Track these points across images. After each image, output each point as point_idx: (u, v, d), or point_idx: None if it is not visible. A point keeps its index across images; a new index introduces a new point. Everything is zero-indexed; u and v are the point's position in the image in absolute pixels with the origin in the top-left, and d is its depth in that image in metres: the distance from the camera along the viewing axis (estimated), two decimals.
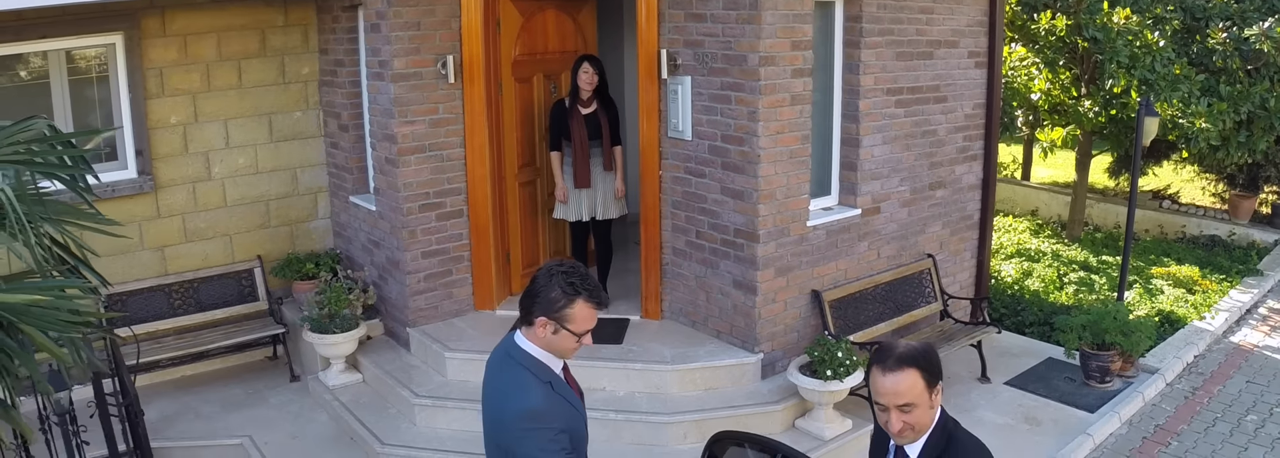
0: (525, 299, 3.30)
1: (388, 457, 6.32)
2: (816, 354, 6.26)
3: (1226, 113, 10.40)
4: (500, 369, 3.37)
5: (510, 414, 3.23)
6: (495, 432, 3.35)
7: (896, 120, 7.26)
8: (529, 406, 3.21)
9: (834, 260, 7.04)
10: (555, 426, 3.22)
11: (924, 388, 3.07)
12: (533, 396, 3.24)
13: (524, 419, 3.19)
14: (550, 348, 3.31)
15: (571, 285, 3.22)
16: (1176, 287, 10.20)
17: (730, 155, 6.35)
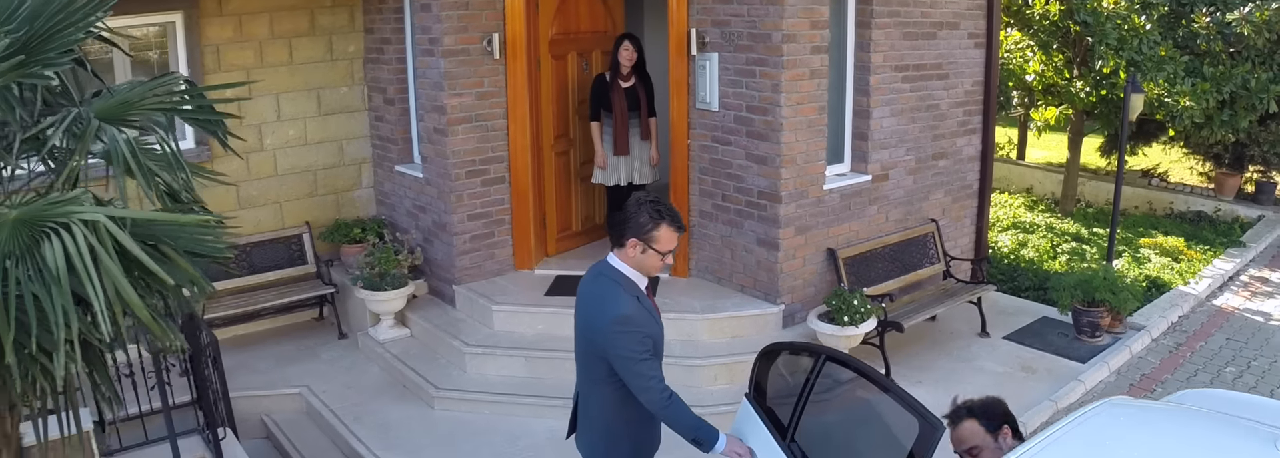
0: (616, 225, 4.10)
1: (443, 399, 7.13)
2: (834, 304, 7.11)
3: (1209, 92, 11.30)
4: (594, 284, 4.19)
5: (604, 320, 4.03)
6: (589, 336, 4.16)
7: (903, 95, 8.11)
8: (621, 312, 4.02)
9: (847, 222, 7.89)
10: (641, 330, 4.03)
11: (984, 433, 3.94)
12: (623, 304, 4.04)
13: (616, 323, 4.00)
14: (638, 266, 4.12)
15: (657, 212, 4.04)
16: (1163, 256, 11.09)
17: (755, 124, 7.18)
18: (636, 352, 3.99)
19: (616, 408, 4.22)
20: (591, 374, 4.22)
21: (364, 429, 6.93)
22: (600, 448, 4.35)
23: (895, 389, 3.70)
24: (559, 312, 7.54)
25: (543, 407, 6.92)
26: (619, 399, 4.18)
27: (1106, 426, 3.61)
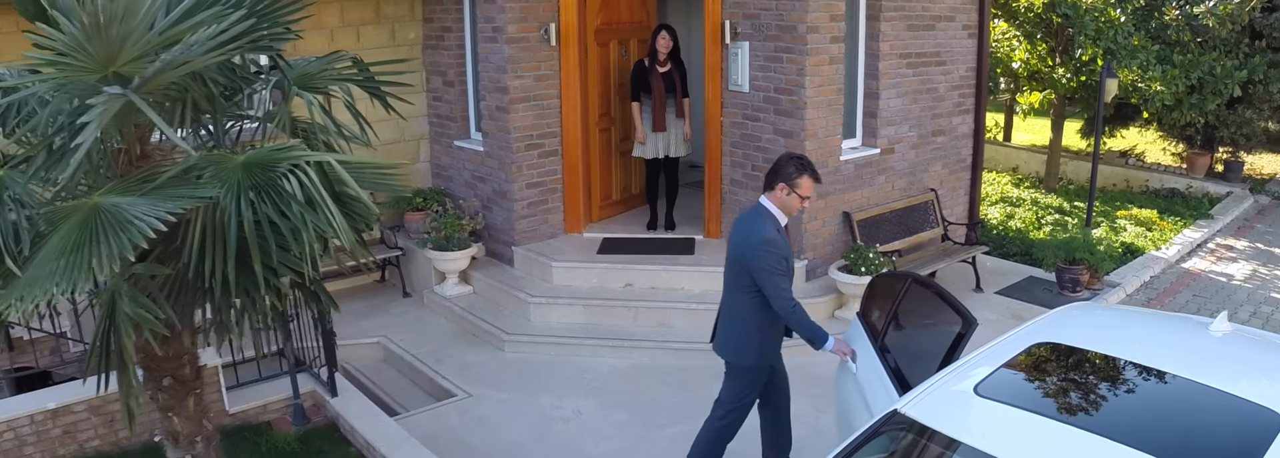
0: (769, 174, 5.54)
1: (514, 342, 8.47)
2: (852, 258, 8.51)
3: (1178, 78, 12.80)
4: (748, 218, 5.59)
5: (753, 240, 5.42)
6: (739, 254, 5.53)
7: (906, 79, 9.51)
8: (766, 236, 5.42)
9: (859, 189, 9.29)
10: (779, 252, 5.44)
11: None
12: (768, 231, 5.45)
13: (762, 244, 5.40)
14: (783, 206, 5.53)
15: (802, 165, 5.48)
16: (1138, 226, 12.55)
17: (781, 103, 8.56)
18: (774, 267, 5.39)
19: (751, 314, 5.59)
20: (737, 284, 5.61)
21: (446, 369, 8.25)
22: (733, 346, 5.73)
23: (948, 296, 5.07)
24: (610, 268, 8.91)
25: (602, 347, 8.27)
26: (756, 307, 5.55)
27: (1073, 314, 5.04)
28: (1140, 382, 4.19)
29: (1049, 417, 3.85)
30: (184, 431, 5.11)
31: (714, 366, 7.87)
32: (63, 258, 3.51)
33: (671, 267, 8.84)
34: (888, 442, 4.03)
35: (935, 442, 3.88)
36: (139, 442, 6.82)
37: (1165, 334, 4.89)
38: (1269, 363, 4.44)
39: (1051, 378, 4.30)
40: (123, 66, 3.86)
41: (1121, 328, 4.97)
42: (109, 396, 6.66)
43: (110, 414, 6.76)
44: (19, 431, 6.51)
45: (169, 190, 3.82)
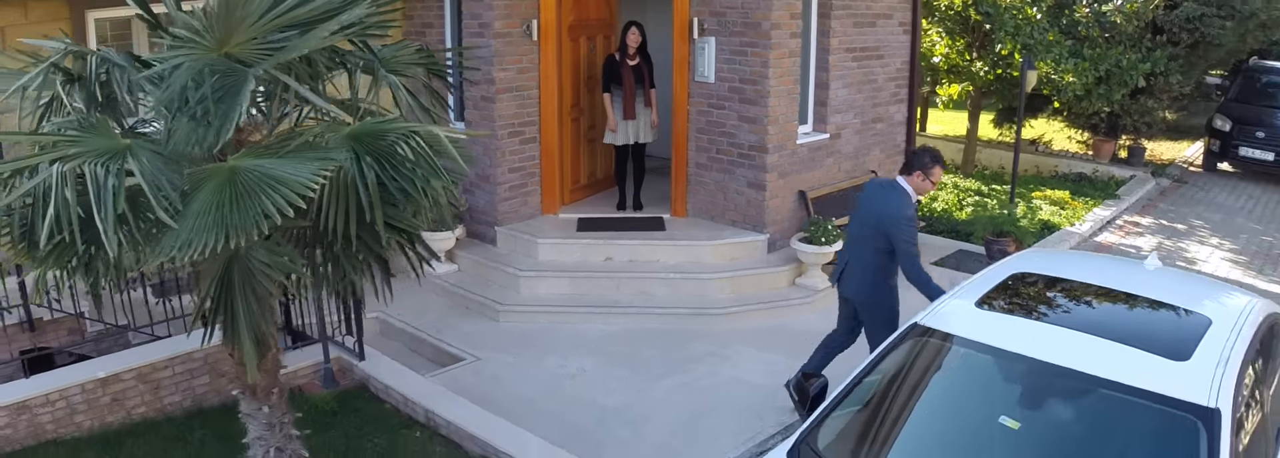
0: (908, 161, 6.88)
1: (508, 312, 9.24)
2: (812, 230, 9.50)
3: (1088, 70, 14.11)
4: (888, 190, 6.88)
5: (900, 217, 6.64)
6: (878, 222, 6.76)
7: (851, 71, 10.54)
8: (909, 214, 6.67)
9: (812, 170, 10.29)
10: (916, 225, 6.69)
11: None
12: (909, 209, 6.70)
13: (907, 221, 6.69)
14: (916, 188, 6.84)
15: (935, 157, 6.80)
16: (1053, 205, 13.79)
17: (746, 93, 9.52)
18: (912, 239, 6.72)
19: (880, 267, 6.90)
20: (872, 244, 6.86)
21: (448, 337, 8.94)
22: (868, 291, 6.99)
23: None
24: (591, 243, 9.76)
25: (591, 315, 9.10)
26: (884, 262, 6.88)
27: (1035, 255, 6.13)
28: (1099, 297, 5.40)
29: (1032, 319, 5.06)
30: (262, 384, 5.74)
31: (693, 328, 8.86)
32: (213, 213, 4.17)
33: (647, 242, 9.75)
34: (910, 347, 5.08)
35: (947, 342, 5.00)
36: (181, 408, 7.41)
37: (1111, 267, 6.21)
38: (1192, 287, 5.83)
39: (1030, 296, 5.44)
40: (234, 47, 4.64)
41: (1076, 263, 6.26)
42: (157, 362, 7.32)
43: (156, 382, 7.29)
44: (71, 399, 6.95)
45: (303, 154, 4.54)
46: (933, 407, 4.96)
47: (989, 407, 4.81)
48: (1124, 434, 4.44)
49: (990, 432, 4.65)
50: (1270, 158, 16.47)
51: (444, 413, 6.85)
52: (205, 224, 4.18)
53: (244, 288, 4.73)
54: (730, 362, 8.33)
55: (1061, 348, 4.74)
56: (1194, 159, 18.65)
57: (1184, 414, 4.27)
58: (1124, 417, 4.44)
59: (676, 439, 6.95)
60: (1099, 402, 4.51)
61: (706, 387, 7.84)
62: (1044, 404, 4.76)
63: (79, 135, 4.47)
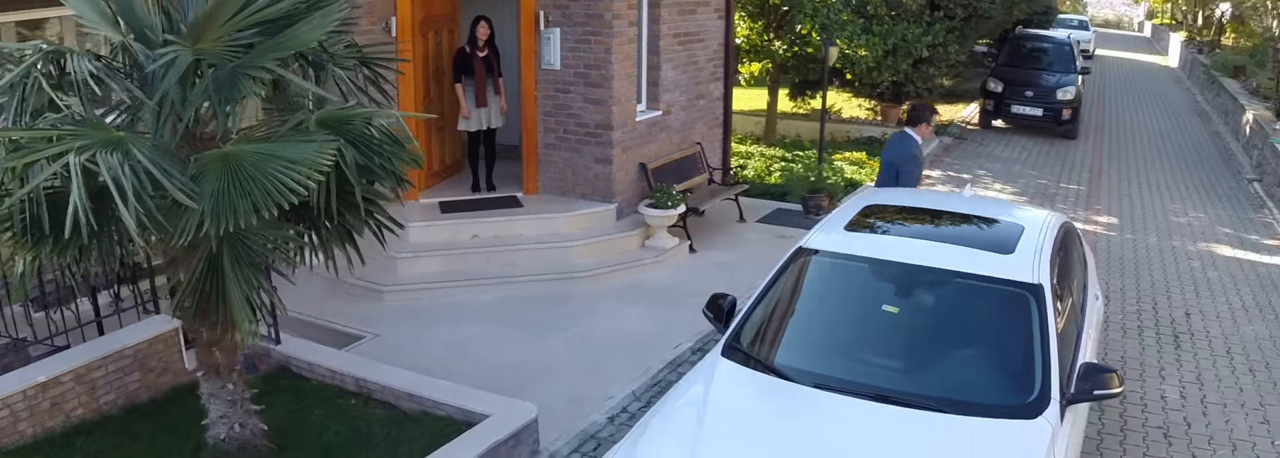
0: (913, 115, 9.07)
1: (391, 292, 9.89)
2: (659, 196, 10.62)
3: (878, 44, 15.81)
4: (900, 139, 9.03)
5: (906, 151, 8.86)
6: (892, 158, 8.88)
7: (677, 54, 11.72)
8: (913, 151, 8.62)
9: (649, 144, 11.43)
10: (919, 162, 8.56)
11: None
12: (915, 147, 8.81)
13: (912, 158, 8.63)
14: (922, 135, 9.01)
15: (933, 112, 8.63)
16: (852, 165, 15.41)
17: (591, 77, 10.55)
18: (913, 170, 8.90)
19: None
20: (889, 179, 8.96)
21: (340, 319, 9.36)
22: None
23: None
24: (458, 224, 10.52)
25: (469, 287, 9.89)
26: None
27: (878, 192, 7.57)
28: (935, 217, 6.93)
29: (890, 235, 6.52)
30: (224, 362, 6.31)
31: (562, 291, 9.89)
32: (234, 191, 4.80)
33: (508, 218, 10.67)
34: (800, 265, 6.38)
35: (829, 257, 6.32)
36: (116, 406, 7.33)
37: (939, 197, 7.92)
38: (1002, 207, 8.19)
39: (883, 220, 6.88)
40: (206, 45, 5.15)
41: (911, 196, 7.72)
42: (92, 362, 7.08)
43: (92, 382, 7.15)
44: (14, 407, 6.69)
45: (294, 139, 5.14)
46: (825, 305, 6.31)
47: (869, 301, 6.15)
48: (978, 308, 5.89)
49: (876, 317, 6.03)
50: (1039, 113, 18.90)
51: (375, 378, 7.54)
52: (229, 201, 4.78)
53: (236, 263, 5.30)
54: (604, 316, 9.36)
55: (919, 253, 6.13)
56: (971, 119, 20.95)
57: (1018, 290, 5.73)
58: (976, 296, 5.87)
59: (584, 380, 7.91)
60: (955, 288, 5.91)
61: (591, 338, 8.83)
62: (913, 294, 6.09)
63: (77, 130, 4.92)
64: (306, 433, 6.93)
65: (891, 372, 5.65)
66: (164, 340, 7.52)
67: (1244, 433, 7.74)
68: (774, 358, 5.78)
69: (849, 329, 6.10)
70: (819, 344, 5.97)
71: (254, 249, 5.44)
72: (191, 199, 4.84)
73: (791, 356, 5.81)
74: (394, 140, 5.68)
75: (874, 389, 5.34)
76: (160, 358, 7.51)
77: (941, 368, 5.69)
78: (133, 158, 4.82)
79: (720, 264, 10.98)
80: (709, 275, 10.53)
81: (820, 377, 5.47)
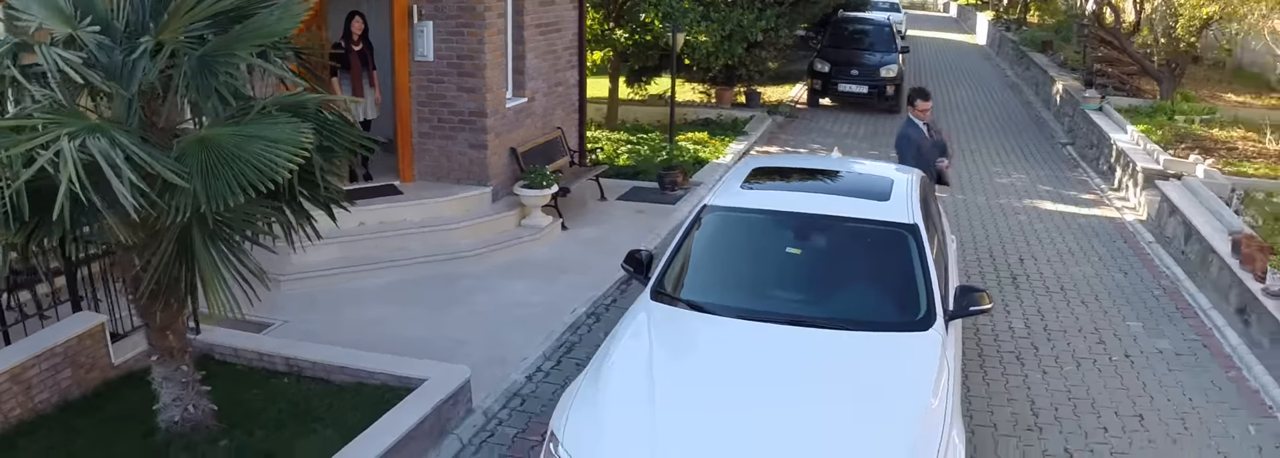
0: (909, 97, 10.43)
1: (288, 281, 10.16)
2: (533, 177, 11.34)
3: (716, 30, 16.86)
4: (905, 122, 10.44)
5: (902, 131, 10.37)
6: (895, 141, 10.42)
7: (540, 44, 12.42)
8: (905, 131, 10.37)
9: (517, 130, 12.13)
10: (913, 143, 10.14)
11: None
12: (909, 127, 10.44)
13: (902, 138, 10.20)
14: (918, 115, 10.27)
15: (920, 93, 10.27)
16: (695, 145, 16.42)
17: (465, 67, 11.17)
18: (904, 150, 10.17)
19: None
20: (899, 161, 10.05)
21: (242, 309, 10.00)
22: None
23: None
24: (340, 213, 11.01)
25: (364, 272, 10.31)
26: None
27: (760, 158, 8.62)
28: (815, 174, 8.09)
29: (780, 190, 7.53)
30: (177, 346, 6.69)
31: (453, 271, 10.53)
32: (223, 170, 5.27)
33: (391, 205, 11.17)
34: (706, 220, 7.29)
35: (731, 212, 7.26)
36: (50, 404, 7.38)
37: (813, 159, 9.24)
38: (867, 165, 9.03)
39: (771, 179, 7.93)
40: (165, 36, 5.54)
41: (789, 160, 9.00)
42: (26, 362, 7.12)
43: (27, 382, 7.18)
44: None
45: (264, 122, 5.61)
46: (734, 252, 7.29)
47: (773, 245, 7.14)
48: (867, 246, 6.98)
49: (781, 259, 7.11)
50: (864, 90, 20.45)
51: (305, 356, 7.94)
52: (222, 181, 5.27)
53: (208, 242, 5.75)
54: (496, 291, 10.06)
55: (810, 203, 7.26)
56: (799, 98, 22.40)
57: (899, 230, 6.89)
58: (864, 236, 6.96)
59: (494, 347, 8.59)
60: (846, 230, 7.01)
61: (490, 311, 9.51)
62: (810, 238, 7.09)
63: (57, 118, 5.24)
64: (250, 412, 7.32)
65: (802, 302, 6.66)
66: (91, 336, 7.65)
67: (1084, 352, 9.16)
68: (698, 298, 6.66)
69: (758, 270, 7.06)
70: (734, 284, 6.92)
71: (229, 227, 5.87)
72: (183, 179, 5.27)
73: (713, 295, 6.72)
74: (348, 123, 6.22)
75: (790, 316, 6.31)
76: (88, 354, 7.64)
77: (843, 296, 6.72)
78: (118, 143, 5.18)
79: (591, 239, 11.80)
80: (583, 250, 11.36)
81: (742, 310, 6.42)
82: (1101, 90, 20.09)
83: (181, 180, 5.32)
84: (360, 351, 8.12)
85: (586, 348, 8.76)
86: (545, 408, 7.74)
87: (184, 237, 5.85)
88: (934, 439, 5.31)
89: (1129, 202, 14.94)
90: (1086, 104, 18.98)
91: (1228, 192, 13.12)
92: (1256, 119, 17.96)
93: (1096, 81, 21.19)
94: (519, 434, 7.45)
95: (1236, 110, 18.96)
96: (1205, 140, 16.24)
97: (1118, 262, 11.96)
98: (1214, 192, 13.02)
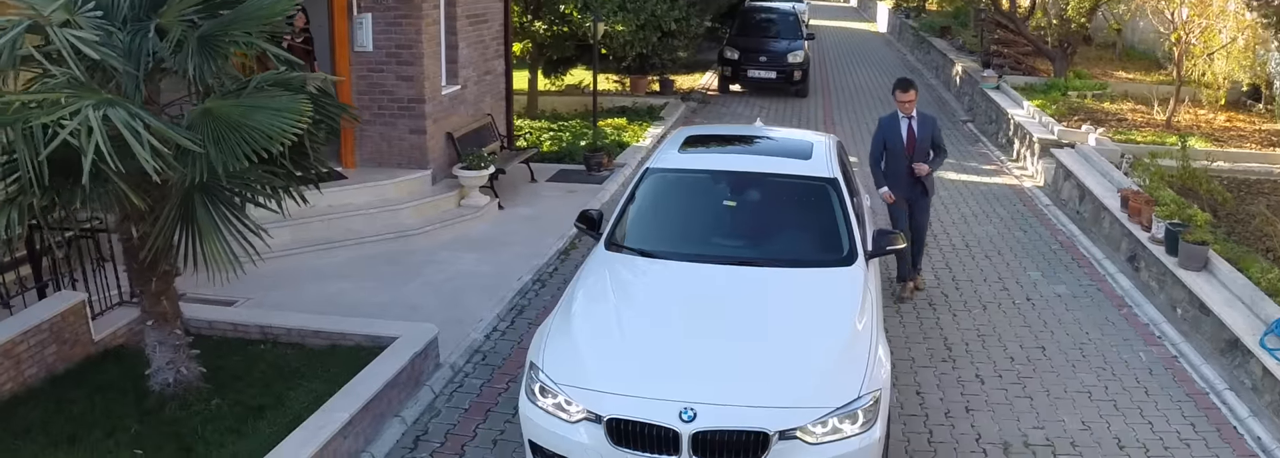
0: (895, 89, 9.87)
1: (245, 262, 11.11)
2: (471, 160, 12.13)
3: (632, 20, 17.78)
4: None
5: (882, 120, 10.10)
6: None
7: (470, 34, 13.19)
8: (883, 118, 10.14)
9: (452, 116, 12.88)
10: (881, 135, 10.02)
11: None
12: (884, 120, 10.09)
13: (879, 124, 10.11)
14: (899, 107, 9.80)
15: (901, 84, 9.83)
16: (615, 130, 17.33)
17: (403, 56, 11.90)
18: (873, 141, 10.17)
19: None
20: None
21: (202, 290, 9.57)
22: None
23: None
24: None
25: (317, 252, 10.91)
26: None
27: (691, 127, 9.47)
28: (744, 139, 9.00)
29: (714, 153, 8.52)
30: (170, 311, 7.36)
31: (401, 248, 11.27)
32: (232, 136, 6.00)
33: (338, 189, 11.79)
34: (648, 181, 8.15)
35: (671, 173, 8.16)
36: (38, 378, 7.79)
37: (739, 127, 10.49)
38: (788, 131, 9.90)
39: (705, 144, 8.88)
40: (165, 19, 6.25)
41: (718, 128, 10.12)
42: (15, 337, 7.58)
43: (17, 357, 7.64)
44: None
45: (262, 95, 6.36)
46: (678, 207, 8.21)
47: (711, 200, 8.09)
48: (795, 198, 7.96)
49: (719, 210, 8.07)
50: (773, 76, 21.64)
51: (279, 323, 8.58)
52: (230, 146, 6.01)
53: (210, 206, 6.47)
54: (445, 264, 10.82)
55: (742, 163, 8.25)
56: (709, 85, 23.50)
57: (821, 183, 7.90)
58: (792, 189, 7.97)
59: (451, 312, 9.37)
60: (776, 185, 7.99)
61: (443, 281, 10.29)
62: (744, 192, 8.01)
63: (75, 92, 5.85)
64: (235, 374, 7.95)
65: (740, 246, 7.61)
66: (74, 313, 8.16)
67: (990, 298, 10.29)
68: (649, 246, 7.57)
69: (700, 221, 8.01)
70: (680, 233, 7.84)
71: (230, 191, 6.59)
72: (197, 146, 6.00)
73: (661, 243, 7.63)
74: (334, 98, 6.99)
75: (732, 258, 7.26)
76: (72, 330, 8.15)
77: (776, 240, 7.69)
78: (135, 113, 5.82)
79: (528, 217, 12.65)
80: (522, 226, 12.21)
81: (689, 254, 7.34)
82: (998, 70, 21.39)
83: (195, 146, 5.99)
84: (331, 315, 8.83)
85: (535, 310, 9.63)
86: (506, 361, 8.62)
87: (186, 201, 6.53)
88: (863, 351, 6.27)
89: (1027, 170, 16.18)
90: (985, 83, 20.28)
91: (1118, 157, 14.30)
92: (1145, 93, 19.34)
93: (993, 62, 22.52)
94: (485, 384, 8.26)
95: (1127, 86, 20.36)
96: (1097, 113, 17.54)
97: (1018, 222, 13.12)
98: (1105, 157, 14.22)
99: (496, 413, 7.78)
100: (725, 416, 5.75)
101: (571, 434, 6.00)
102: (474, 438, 7.42)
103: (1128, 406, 8.06)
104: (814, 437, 5.81)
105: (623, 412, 5.86)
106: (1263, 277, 9.25)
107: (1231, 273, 9.52)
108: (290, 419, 7.09)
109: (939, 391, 8.22)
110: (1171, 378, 8.56)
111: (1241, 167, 14.22)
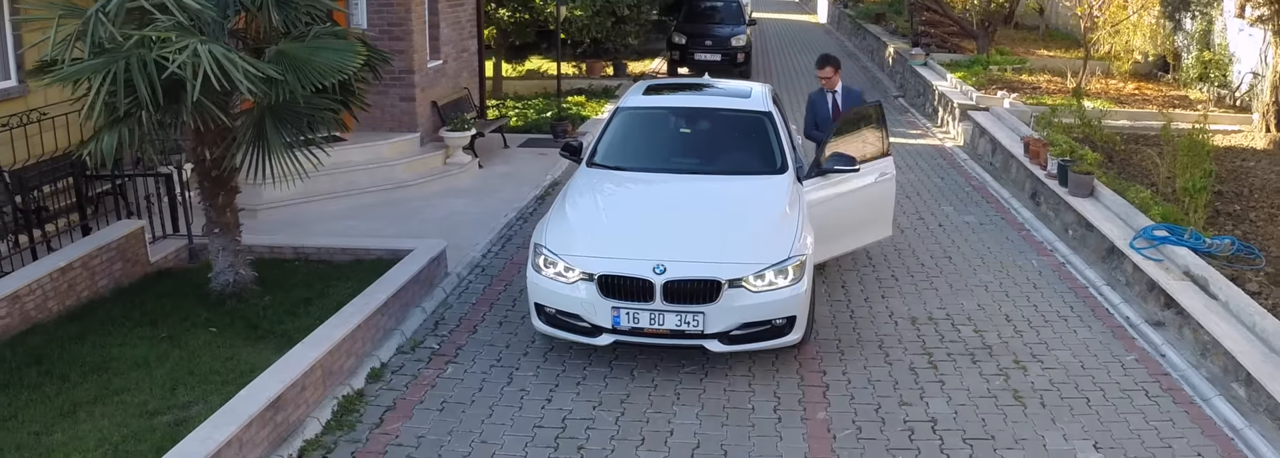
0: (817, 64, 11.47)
1: (264, 209, 12.82)
2: (457, 122, 14.16)
3: (589, 6, 19.91)
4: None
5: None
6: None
7: (449, 15, 15.18)
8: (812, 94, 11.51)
9: (435, 87, 14.88)
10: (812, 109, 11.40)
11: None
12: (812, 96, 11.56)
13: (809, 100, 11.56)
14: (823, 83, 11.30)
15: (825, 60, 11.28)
16: (577, 106, 19.42)
17: (395, 33, 13.86)
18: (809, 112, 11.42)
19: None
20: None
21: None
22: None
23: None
24: None
25: (324, 201, 12.76)
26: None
27: (650, 80, 11.52)
28: (696, 88, 11.23)
29: (673, 96, 10.63)
30: (232, 221, 9.23)
31: (398, 197, 13.25)
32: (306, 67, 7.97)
33: (340, 148, 13.63)
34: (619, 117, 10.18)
35: (639, 109, 10.23)
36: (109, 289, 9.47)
37: (692, 79, 12.73)
38: (734, 82, 11.89)
39: (664, 91, 10.99)
40: None
41: (675, 80, 12.56)
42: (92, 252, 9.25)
43: (92, 269, 9.27)
44: (45, 288, 8.61)
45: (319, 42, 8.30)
46: (643, 135, 10.17)
47: (671, 129, 10.19)
48: (738, 128, 10.01)
49: (677, 137, 10.19)
50: (718, 58, 23.93)
51: (310, 243, 10.58)
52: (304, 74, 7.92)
53: (277, 125, 8.35)
54: (439, 206, 12.83)
55: (697, 101, 10.36)
56: (659, 70, 25.70)
57: (759, 115, 9.95)
58: (736, 121, 10.06)
59: (451, 238, 11.22)
60: (722, 118, 10.11)
61: (440, 218, 12.30)
62: (697, 124, 10.14)
63: (179, 33, 7.62)
64: (278, 282, 9.81)
65: (695, 163, 9.75)
66: (135, 237, 9.99)
67: (907, 225, 12.47)
68: (623, 163, 9.67)
69: (664, 145, 10.10)
70: (645, 154, 9.88)
71: (298, 114, 8.49)
72: (278, 75, 7.92)
73: (632, 161, 9.71)
74: (373, 48, 9.00)
75: (688, 170, 9.44)
76: (133, 251, 9.96)
77: (723, 158, 9.79)
78: (229, 49, 7.75)
79: (505, 173, 14.69)
80: (501, 180, 14.26)
81: (654, 168, 9.50)
82: (926, 49, 23.76)
83: (278, 76, 7.92)
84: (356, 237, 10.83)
85: (522, 238, 11.64)
86: (501, 272, 10.63)
87: (258, 123, 8.43)
88: (791, 228, 8.39)
89: (949, 133, 18.47)
90: (913, 61, 22.63)
91: (1028, 118, 16.56)
92: (1062, 67, 21.66)
93: (921, 42, 24.91)
94: (486, 287, 10.27)
95: (1046, 61, 22.75)
96: (1014, 83, 19.85)
97: (937, 172, 15.35)
98: (1017, 118, 16.48)
99: (499, 305, 9.77)
100: (687, 269, 7.83)
101: (572, 292, 8.03)
102: (483, 321, 9.41)
103: (1017, 295, 10.19)
104: (755, 287, 7.90)
105: (610, 270, 7.91)
106: (1136, 196, 11.48)
107: (1113, 197, 11.74)
108: (334, 306, 8.87)
109: (860, 285, 10.35)
110: (1057, 277, 10.71)
111: (1141, 124, 16.58)
